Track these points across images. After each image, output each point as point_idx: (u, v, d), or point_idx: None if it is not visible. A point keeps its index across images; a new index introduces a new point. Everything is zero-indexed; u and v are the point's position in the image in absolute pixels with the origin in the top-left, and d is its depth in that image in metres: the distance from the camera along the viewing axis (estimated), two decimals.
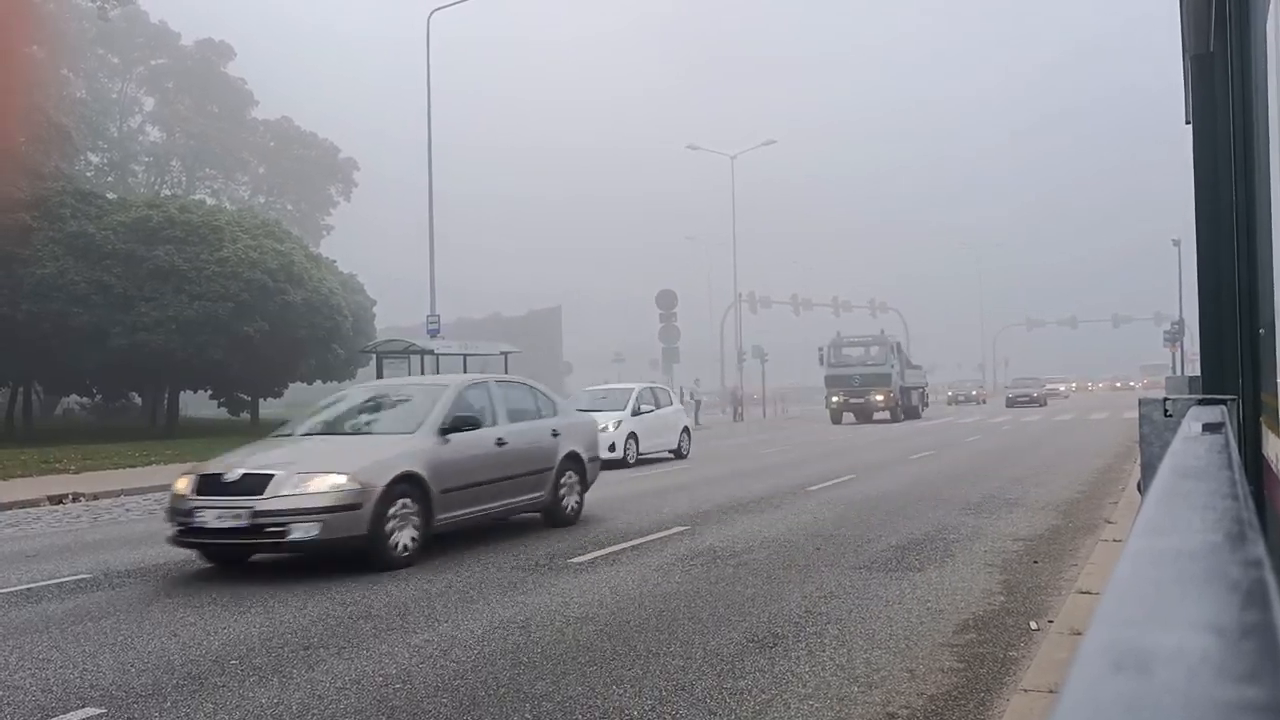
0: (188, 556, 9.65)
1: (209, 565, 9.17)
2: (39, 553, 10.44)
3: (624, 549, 9.59)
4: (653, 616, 6.83)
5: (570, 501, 11.48)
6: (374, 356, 30.25)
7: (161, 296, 28.43)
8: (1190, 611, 0.60)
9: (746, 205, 60.94)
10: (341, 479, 8.57)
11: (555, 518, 11.24)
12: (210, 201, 43.09)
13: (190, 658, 6.04)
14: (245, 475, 8.68)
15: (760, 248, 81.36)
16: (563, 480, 11.35)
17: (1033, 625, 6.40)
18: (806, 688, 5.19)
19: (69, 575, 8.95)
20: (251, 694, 5.29)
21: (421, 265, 32.97)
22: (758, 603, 7.16)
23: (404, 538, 8.89)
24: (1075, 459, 18.92)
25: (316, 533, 8.38)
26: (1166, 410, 3.47)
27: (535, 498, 10.97)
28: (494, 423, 10.63)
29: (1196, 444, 1.85)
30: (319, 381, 37.28)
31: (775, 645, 6.01)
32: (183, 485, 8.98)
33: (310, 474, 8.63)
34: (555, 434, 11.46)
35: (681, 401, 41.19)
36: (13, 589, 8.42)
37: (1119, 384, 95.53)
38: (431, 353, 30.39)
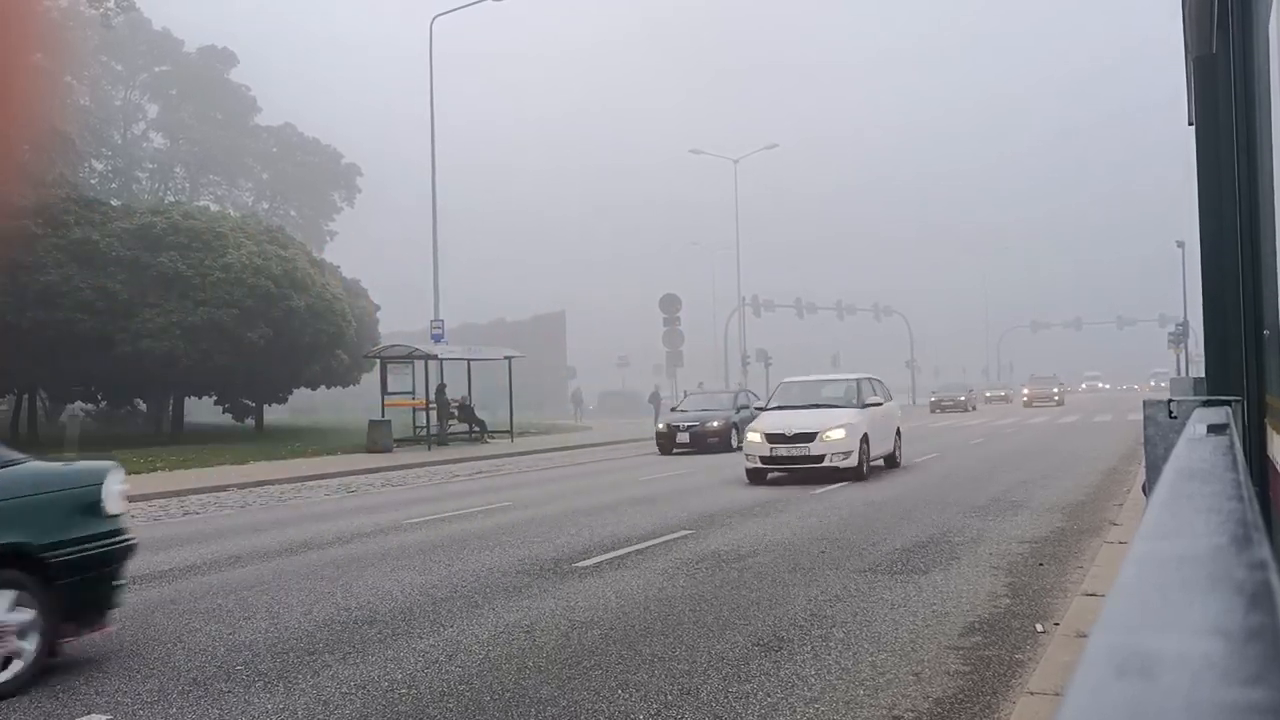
0: (192, 562, 9.70)
1: (214, 571, 9.20)
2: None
3: (628, 553, 9.59)
4: (658, 620, 6.82)
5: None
6: (378, 362, 30.30)
7: (166, 303, 28.49)
8: (1195, 615, 0.59)
9: (750, 209, 61.06)
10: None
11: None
12: (214, 208, 43.20)
13: (196, 664, 6.04)
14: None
15: (763, 252, 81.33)
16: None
17: (1038, 628, 6.38)
18: (812, 691, 5.18)
19: None
20: (257, 700, 5.29)
21: (425, 270, 33.03)
22: (763, 606, 7.15)
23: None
24: (1080, 461, 18.89)
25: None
26: (1171, 412, 3.46)
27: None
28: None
29: (1201, 446, 1.85)
30: (323, 387, 37.33)
31: (781, 649, 6.00)
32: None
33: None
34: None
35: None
36: None
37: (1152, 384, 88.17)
38: (435, 357, 30.43)
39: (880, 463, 17.80)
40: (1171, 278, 52.12)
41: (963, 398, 52.78)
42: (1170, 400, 3.56)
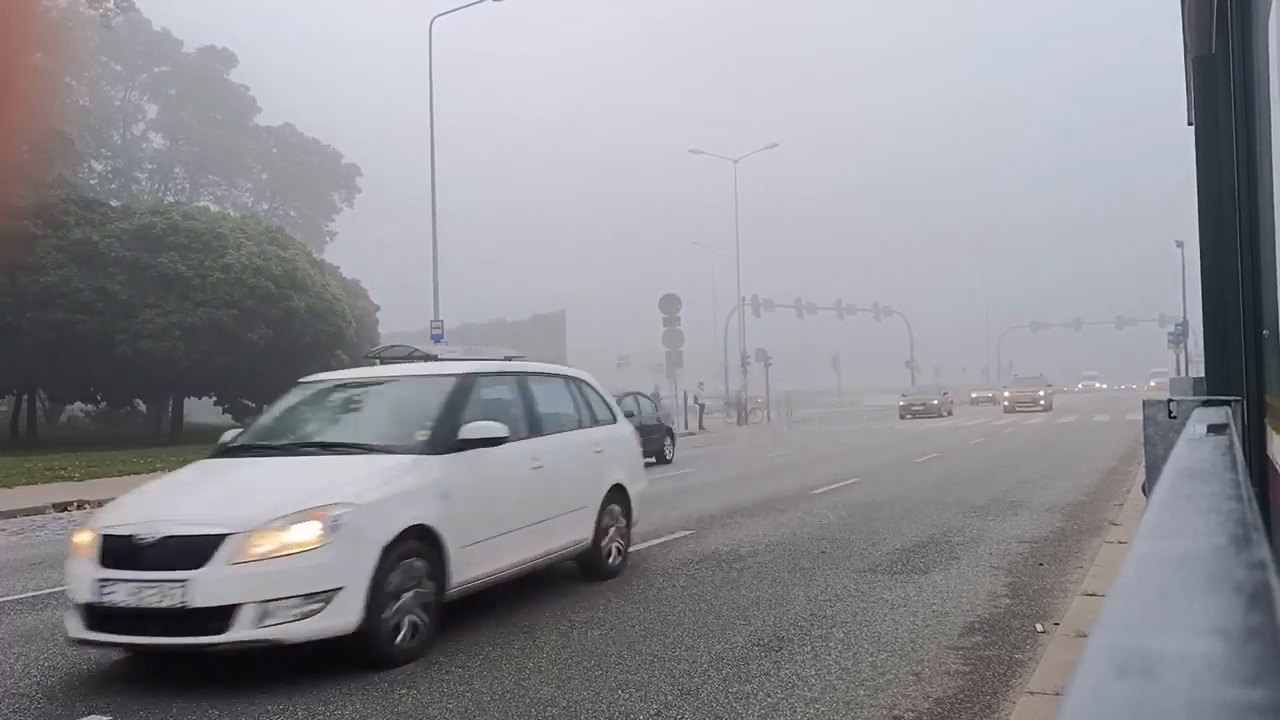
0: None
1: None
2: (44, 560, 10.45)
3: (628, 553, 9.57)
4: (658, 620, 6.82)
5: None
6: (378, 362, 30.28)
7: (165, 303, 28.49)
8: (1194, 615, 0.60)
9: (750, 209, 61.03)
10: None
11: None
12: (214, 208, 43.18)
13: (197, 665, 6.04)
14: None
15: (763, 251, 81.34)
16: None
17: (1039, 628, 6.39)
18: (812, 691, 5.18)
19: None
20: (258, 701, 5.29)
21: (425, 271, 32.98)
22: (763, 606, 7.15)
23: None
24: (1080, 461, 18.89)
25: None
26: (1171, 412, 3.46)
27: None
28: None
29: (1201, 446, 1.85)
30: None
31: (781, 649, 6.00)
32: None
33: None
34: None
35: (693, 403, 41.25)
36: (18, 596, 8.43)
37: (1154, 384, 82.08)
38: (435, 358, 30.41)
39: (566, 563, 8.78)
40: (1171, 278, 52.09)
41: (935, 401, 46.20)
42: (1170, 400, 3.56)
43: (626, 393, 21.69)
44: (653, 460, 20.57)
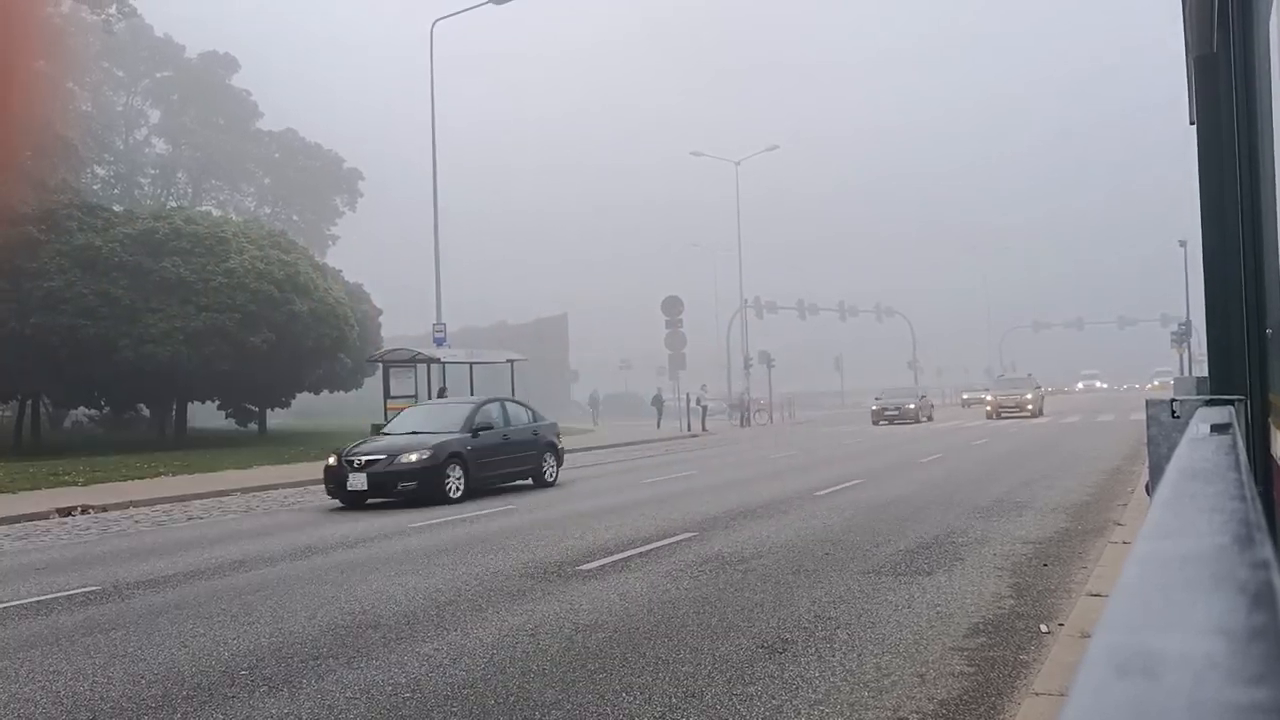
0: (196, 567, 9.71)
1: (218, 576, 9.21)
2: (48, 565, 10.47)
3: (632, 555, 9.59)
4: (662, 623, 6.82)
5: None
6: (380, 365, 30.31)
7: (168, 308, 28.52)
8: (1198, 614, 0.59)
9: (751, 211, 61.07)
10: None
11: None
12: (216, 213, 43.19)
13: (200, 669, 6.05)
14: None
15: (765, 253, 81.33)
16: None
17: (1043, 628, 6.38)
18: (816, 693, 5.17)
19: (78, 587, 8.97)
20: (261, 704, 5.29)
21: (427, 274, 33.04)
22: (767, 608, 7.15)
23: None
24: (1082, 461, 18.87)
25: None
26: (1174, 412, 3.46)
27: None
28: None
29: (1204, 445, 1.85)
30: (326, 391, 37.33)
31: (785, 651, 5.99)
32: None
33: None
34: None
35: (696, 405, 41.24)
36: (22, 601, 8.44)
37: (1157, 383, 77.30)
38: (438, 361, 30.42)
39: None
40: (1173, 277, 52.09)
41: (911, 405, 41.37)
42: (1173, 400, 3.56)
43: (487, 399, 17.87)
44: (528, 483, 17.33)
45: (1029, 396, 41.73)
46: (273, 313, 29.57)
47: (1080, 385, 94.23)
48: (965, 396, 61.16)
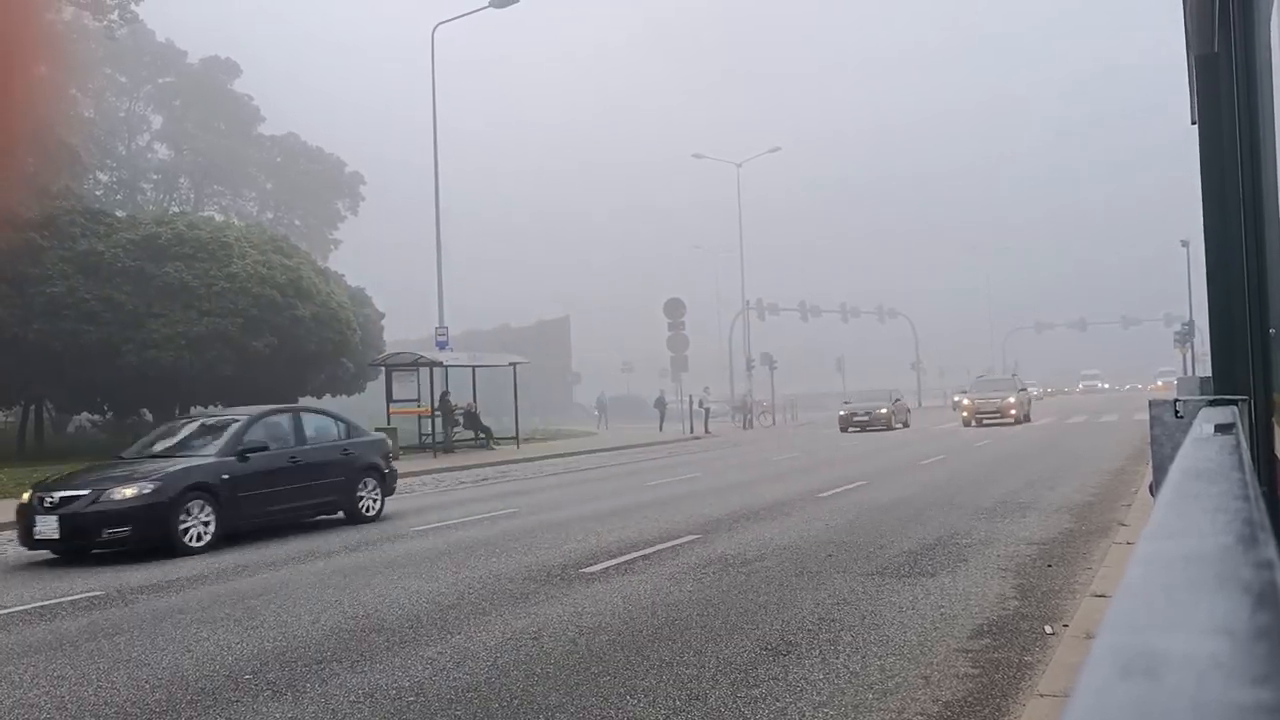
0: (199, 571, 9.71)
1: (221, 580, 9.23)
2: (52, 569, 10.48)
3: (635, 558, 9.58)
4: (665, 625, 6.81)
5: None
6: (383, 369, 30.34)
7: (171, 313, 28.55)
8: (1201, 614, 0.59)
9: (753, 213, 61.06)
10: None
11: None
12: (218, 218, 43.22)
13: (204, 673, 6.05)
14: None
15: (766, 254, 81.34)
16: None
17: (1048, 629, 6.37)
18: (821, 695, 5.17)
19: (82, 592, 8.98)
20: (265, 709, 5.29)
21: (430, 277, 33.10)
22: (770, 610, 7.14)
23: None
24: (1085, 461, 18.85)
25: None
26: (1178, 412, 3.45)
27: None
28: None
29: (1208, 445, 1.85)
30: (328, 395, 37.32)
31: (789, 653, 5.99)
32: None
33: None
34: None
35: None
36: (26, 606, 8.45)
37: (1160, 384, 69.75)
38: (440, 364, 30.47)
39: None
40: (1176, 277, 52.06)
41: (883, 410, 36.64)
42: (1176, 400, 3.55)
43: (272, 410, 13.74)
44: (339, 516, 13.42)
45: (1011, 400, 35.92)
46: (275, 317, 29.59)
47: (1081, 386, 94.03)
48: (956, 398, 60.81)
